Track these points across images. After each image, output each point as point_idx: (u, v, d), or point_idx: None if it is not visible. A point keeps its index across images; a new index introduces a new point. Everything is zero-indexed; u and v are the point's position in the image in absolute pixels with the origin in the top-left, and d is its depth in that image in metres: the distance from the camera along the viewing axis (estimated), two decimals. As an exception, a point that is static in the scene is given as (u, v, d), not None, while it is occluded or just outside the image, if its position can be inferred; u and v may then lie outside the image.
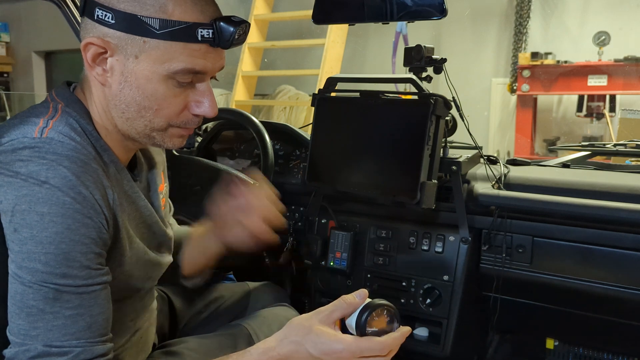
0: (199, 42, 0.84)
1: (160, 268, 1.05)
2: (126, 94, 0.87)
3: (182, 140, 0.95)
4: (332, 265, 1.56)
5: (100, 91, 0.90)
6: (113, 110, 0.90)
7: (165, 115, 0.89)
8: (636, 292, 1.28)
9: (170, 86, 0.87)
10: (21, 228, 0.78)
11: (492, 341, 1.68)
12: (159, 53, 0.84)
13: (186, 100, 0.90)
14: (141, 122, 0.89)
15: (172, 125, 0.91)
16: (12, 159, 0.80)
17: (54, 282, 0.78)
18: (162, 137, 0.92)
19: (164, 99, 0.87)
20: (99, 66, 0.87)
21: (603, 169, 1.70)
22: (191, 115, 0.91)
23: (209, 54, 0.87)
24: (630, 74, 3.78)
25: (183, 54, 0.84)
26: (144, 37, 0.83)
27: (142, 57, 0.84)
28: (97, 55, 0.86)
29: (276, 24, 5.04)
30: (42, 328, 0.78)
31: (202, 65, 0.87)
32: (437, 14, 1.25)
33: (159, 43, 0.84)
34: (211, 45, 0.86)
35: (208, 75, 0.90)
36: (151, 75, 0.85)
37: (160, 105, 0.88)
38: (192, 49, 0.85)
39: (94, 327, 0.81)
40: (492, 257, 1.42)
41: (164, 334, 1.27)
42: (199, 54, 0.85)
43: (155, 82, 0.86)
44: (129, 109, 0.88)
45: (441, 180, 1.45)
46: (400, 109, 1.43)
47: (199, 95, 0.90)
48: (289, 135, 1.78)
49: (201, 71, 0.87)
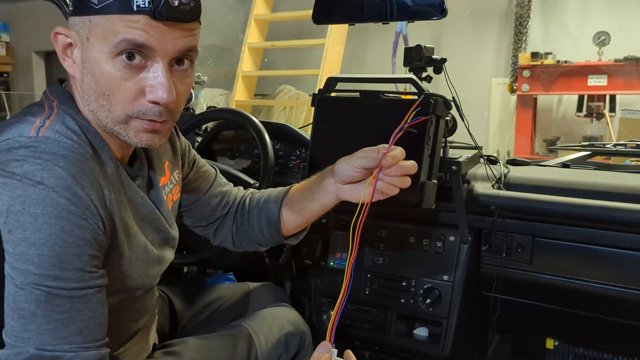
0: (134, 12, 0.81)
1: (161, 265, 1.04)
2: (86, 82, 0.86)
3: (150, 136, 0.88)
4: (332, 265, 1.56)
5: (76, 85, 0.90)
6: (83, 103, 0.89)
7: (118, 102, 0.84)
8: (636, 292, 1.28)
9: (119, 66, 0.83)
10: (15, 229, 0.77)
11: (492, 341, 1.69)
12: (101, 30, 0.82)
13: (139, 85, 0.84)
14: (102, 113, 0.86)
15: (131, 117, 0.86)
16: (8, 159, 0.79)
17: (46, 284, 0.76)
18: (126, 131, 0.87)
19: (113, 81, 0.83)
20: (69, 58, 0.87)
21: (603, 169, 1.70)
22: (147, 104, 0.85)
23: (154, 28, 0.82)
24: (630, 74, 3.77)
25: (121, 25, 0.81)
26: (89, 16, 0.82)
27: (91, 38, 0.83)
28: (65, 46, 0.86)
29: (276, 24, 5.04)
30: (34, 331, 0.77)
31: (145, 39, 0.81)
32: (437, 14, 1.25)
33: (99, 19, 0.82)
34: (152, 17, 0.81)
35: (160, 56, 0.84)
36: (98, 55, 0.83)
37: (112, 89, 0.84)
38: (130, 20, 0.81)
39: (86, 331, 0.79)
40: (492, 257, 1.42)
41: (164, 334, 1.27)
42: (138, 26, 0.81)
43: (103, 63, 0.83)
44: (90, 98, 0.86)
45: (441, 180, 1.44)
46: (400, 109, 1.43)
47: (152, 79, 0.84)
48: (289, 135, 1.78)
49: (145, 45, 0.82)
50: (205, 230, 1.26)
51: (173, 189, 1.10)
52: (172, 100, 0.86)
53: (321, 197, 1.13)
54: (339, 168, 1.08)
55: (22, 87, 6.82)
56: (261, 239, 1.23)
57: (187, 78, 0.90)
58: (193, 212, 1.23)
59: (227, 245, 1.28)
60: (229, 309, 1.38)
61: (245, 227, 1.24)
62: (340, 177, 1.08)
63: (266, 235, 1.22)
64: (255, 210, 1.23)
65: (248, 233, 1.24)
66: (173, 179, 1.11)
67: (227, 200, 1.25)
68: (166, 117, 0.88)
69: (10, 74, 6.97)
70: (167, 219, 1.05)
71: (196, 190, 1.21)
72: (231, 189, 1.28)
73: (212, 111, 1.87)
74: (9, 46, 6.94)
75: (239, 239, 1.26)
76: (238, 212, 1.25)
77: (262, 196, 1.25)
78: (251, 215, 1.23)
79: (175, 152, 1.13)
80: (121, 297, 0.95)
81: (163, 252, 1.03)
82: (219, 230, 1.26)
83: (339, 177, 1.08)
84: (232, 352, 1.15)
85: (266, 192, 1.26)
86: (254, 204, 1.24)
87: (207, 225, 1.25)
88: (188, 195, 1.20)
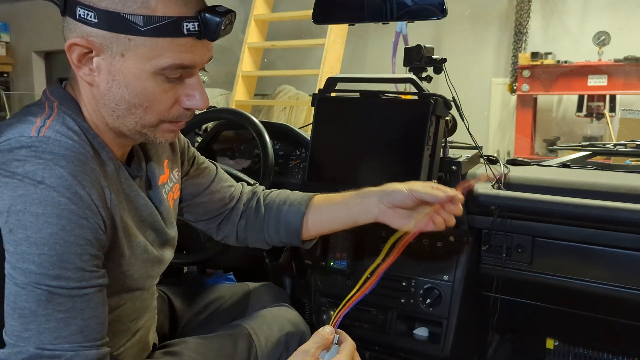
0: (185, 36, 0.83)
1: (161, 265, 1.04)
2: (115, 93, 0.86)
3: (173, 135, 0.94)
4: (332, 265, 1.56)
5: (88, 90, 0.89)
6: (103, 109, 0.89)
7: (156, 111, 0.88)
8: (636, 292, 1.28)
9: (159, 82, 0.85)
10: (16, 229, 0.77)
11: (492, 341, 1.69)
12: (146, 50, 0.83)
13: (176, 95, 0.88)
14: (132, 119, 0.88)
15: (164, 121, 0.90)
16: (9, 159, 0.80)
17: (47, 283, 0.77)
18: (153, 133, 0.91)
19: (154, 95, 0.86)
20: (85, 66, 0.86)
21: (603, 169, 1.70)
22: (182, 110, 0.90)
23: (196, 47, 0.85)
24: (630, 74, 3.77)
25: (170, 49, 0.83)
26: (128, 35, 0.82)
27: (128, 55, 0.83)
28: (82, 55, 0.85)
29: (276, 24, 5.04)
30: (34, 330, 0.77)
31: (190, 60, 0.85)
32: (437, 14, 1.25)
33: (145, 40, 0.82)
34: (198, 38, 0.84)
35: (197, 69, 0.89)
36: (139, 72, 0.84)
37: (151, 102, 0.87)
38: (179, 44, 0.83)
39: (87, 330, 0.80)
40: (492, 257, 1.42)
41: (164, 334, 1.27)
42: (185, 48, 0.84)
43: (143, 80, 0.84)
44: (118, 107, 0.87)
45: (441, 180, 1.45)
46: (400, 109, 1.44)
47: (189, 89, 0.89)
48: (289, 135, 1.78)
49: (190, 65, 0.86)
50: (208, 224, 1.27)
51: (173, 187, 1.11)
52: (207, 105, 0.91)
53: (357, 214, 1.18)
54: (392, 192, 1.13)
55: (22, 87, 6.82)
56: (274, 239, 1.25)
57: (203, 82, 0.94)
58: (195, 208, 1.23)
59: (230, 241, 1.29)
60: (229, 309, 1.38)
61: (260, 225, 1.24)
62: (392, 201, 1.13)
63: (282, 237, 1.24)
64: (272, 211, 1.24)
65: (261, 231, 1.25)
66: (173, 177, 1.11)
67: (233, 195, 1.25)
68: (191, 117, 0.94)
69: (10, 74, 6.97)
70: (166, 218, 1.05)
71: (197, 185, 1.21)
72: (236, 184, 1.29)
73: (212, 111, 1.87)
74: (9, 46, 6.94)
75: (246, 235, 1.26)
76: (249, 208, 1.26)
77: (279, 197, 1.26)
78: (268, 215, 1.24)
79: (174, 150, 1.13)
80: (121, 297, 0.95)
81: (163, 252, 1.03)
82: (223, 225, 1.26)
83: (391, 201, 1.13)
84: (232, 352, 1.15)
85: (283, 193, 1.27)
86: (270, 204, 1.25)
87: (210, 220, 1.26)
88: (189, 191, 1.21)
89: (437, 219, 1.11)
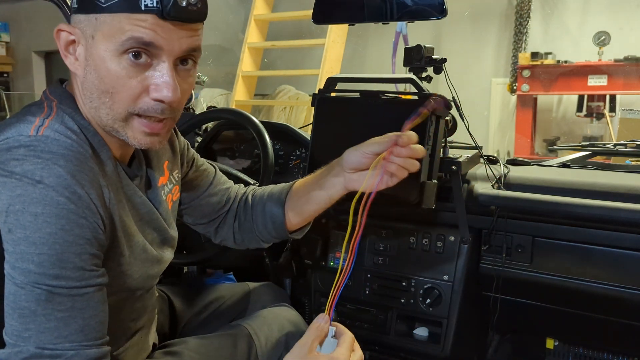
0: (142, 11, 0.81)
1: (161, 265, 1.04)
2: (89, 80, 0.86)
3: (149, 139, 0.89)
4: (332, 265, 1.56)
5: (77, 82, 0.90)
6: (85, 101, 0.88)
7: (122, 99, 0.85)
8: (636, 292, 1.28)
9: (125, 65, 0.83)
10: (15, 228, 0.77)
11: (492, 341, 1.69)
12: (108, 28, 0.82)
13: (144, 83, 0.85)
14: (103, 110, 0.87)
15: (132, 114, 0.86)
16: (7, 158, 0.79)
17: (47, 283, 0.76)
18: (124, 130, 0.88)
19: (118, 79, 0.84)
20: (71, 55, 0.87)
21: (603, 169, 1.70)
22: (151, 101, 0.85)
23: (161, 27, 0.82)
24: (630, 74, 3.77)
25: (129, 24, 0.82)
26: (95, 14, 0.83)
27: (97, 36, 0.84)
28: (68, 43, 0.86)
29: (276, 24, 5.04)
30: (34, 330, 0.77)
31: (151, 37, 0.82)
32: (437, 14, 1.25)
33: (106, 17, 0.82)
34: (159, 17, 0.82)
35: (166, 55, 0.84)
36: (104, 53, 0.83)
37: (116, 87, 0.84)
38: (138, 19, 0.81)
39: (87, 329, 0.79)
40: (492, 257, 1.42)
41: (164, 334, 1.27)
42: (146, 25, 0.82)
43: (108, 61, 0.83)
44: (92, 95, 0.87)
45: (441, 180, 1.44)
46: (400, 109, 1.43)
47: (157, 78, 0.85)
48: (289, 135, 1.78)
49: (152, 44, 0.82)
50: (207, 228, 1.27)
51: (173, 189, 1.10)
52: (177, 99, 0.86)
53: (328, 188, 1.14)
54: (348, 156, 1.09)
55: (22, 87, 6.82)
56: (265, 235, 1.24)
57: (190, 77, 0.91)
58: (193, 210, 1.23)
59: (229, 243, 1.28)
60: (229, 309, 1.38)
61: (249, 224, 1.24)
62: (349, 165, 1.09)
63: (270, 231, 1.23)
64: (258, 207, 1.24)
65: (252, 230, 1.24)
66: (172, 179, 1.11)
67: (228, 197, 1.25)
68: (168, 114, 0.88)
69: (10, 74, 6.97)
70: (165, 219, 1.05)
71: (196, 188, 1.21)
72: (232, 186, 1.28)
73: (212, 111, 1.87)
74: (9, 46, 6.94)
75: (242, 236, 1.26)
76: (240, 209, 1.26)
77: (264, 192, 1.26)
78: (254, 211, 1.24)
79: (175, 152, 1.13)
80: (121, 296, 0.95)
81: (162, 252, 1.03)
82: (220, 228, 1.26)
83: (348, 164, 1.09)
84: (232, 352, 1.15)
85: (268, 187, 1.27)
86: (256, 200, 1.25)
87: (208, 223, 1.25)
88: (188, 193, 1.20)
89: (391, 167, 1.03)
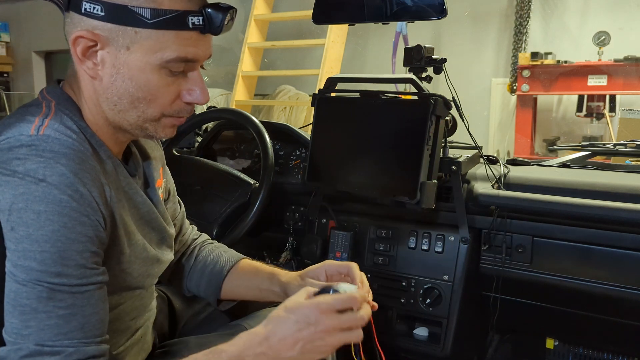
0: (189, 29, 0.85)
1: (160, 265, 1.04)
2: (118, 86, 0.87)
3: (173, 130, 0.95)
4: (332, 265, 1.56)
5: (90, 85, 0.90)
6: (104, 104, 0.89)
7: (158, 105, 0.89)
8: (636, 292, 1.28)
9: (163, 76, 0.87)
10: (18, 226, 0.77)
11: (492, 341, 1.69)
12: (151, 43, 0.84)
13: (178, 89, 0.90)
14: (134, 113, 0.89)
15: (165, 115, 0.91)
16: (9, 157, 0.80)
17: (48, 280, 0.77)
18: (154, 128, 0.92)
19: (157, 89, 0.88)
20: (89, 60, 0.87)
21: (603, 169, 1.71)
22: (184, 104, 0.92)
23: (200, 42, 0.87)
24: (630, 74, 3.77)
25: (175, 42, 0.85)
26: (135, 28, 0.83)
27: (134, 47, 0.84)
28: (87, 48, 0.86)
29: (276, 24, 5.04)
30: (35, 327, 0.77)
31: (194, 53, 0.87)
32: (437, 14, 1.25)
33: (151, 33, 0.84)
34: (201, 33, 0.86)
35: (199, 63, 0.91)
36: (144, 65, 0.85)
37: (154, 95, 0.88)
38: (184, 37, 0.85)
39: (87, 327, 0.80)
40: (492, 257, 1.42)
41: (164, 333, 1.27)
42: (190, 42, 0.86)
43: (148, 73, 0.86)
44: (121, 100, 0.88)
45: (441, 180, 1.45)
46: (400, 109, 1.44)
47: (191, 84, 0.90)
48: (289, 135, 1.78)
49: (193, 59, 0.88)
50: None
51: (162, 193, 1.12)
52: (208, 100, 0.93)
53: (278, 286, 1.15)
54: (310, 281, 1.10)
55: (22, 87, 6.82)
56: (194, 291, 1.25)
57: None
58: None
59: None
60: (228, 308, 1.38)
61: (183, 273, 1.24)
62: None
63: (201, 292, 1.24)
64: (199, 265, 1.23)
65: (182, 279, 1.24)
66: (164, 186, 1.12)
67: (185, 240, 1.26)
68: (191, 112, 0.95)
69: (10, 74, 6.97)
70: (164, 218, 1.06)
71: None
72: (189, 229, 1.28)
73: (212, 111, 1.87)
74: (9, 46, 6.94)
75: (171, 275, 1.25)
76: (183, 254, 1.25)
77: (211, 253, 1.25)
78: (194, 267, 1.24)
79: (165, 168, 1.15)
80: (121, 295, 0.95)
81: (161, 251, 1.04)
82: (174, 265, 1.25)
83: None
84: (231, 352, 1.14)
85: (216, 248, 1.26)
86: (201, 258, 1.24)
87: None
88: None
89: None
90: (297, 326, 0.85)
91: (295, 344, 0.84)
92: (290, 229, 1.70)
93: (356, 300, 0.88)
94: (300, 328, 0.84)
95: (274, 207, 1.70)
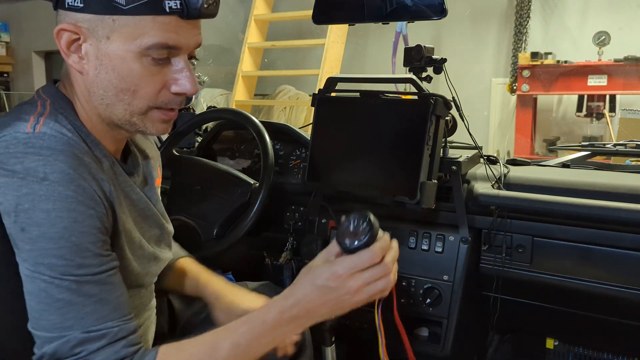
0: (167, 13, 0.83)
1: (159, 263, 1.05)
2: (103, 78, 0.86)
3: (165, 126, 0.93)
4: (332, 265, 1.56)
5: (80, 81, 0.90)
6: (93, 98, 0.89)
7: (143, 96, 0.87)
8: (636, 292, 1.28)
9: (146, 64, 0.85)
10: (29, 227, 0.78)
11: (492, 341, 1.69)
12: (129, 30, 0.83)
13: (164, 79, 0.88)
14: (120, 106, 0.88)
15: (152, 107, 0.89)
16: (6, 156, 0.80)
17: (73, 273, 0.80)
18: (143, 122, 0.90)
19: (141, 78, 0.86)
20: (74, 54, 0.87)
21: (603, 169, 1.70)
22: (171, 95, 0.89)
23: (181, 28, 0.85)
24: (630, 74, 3.77)
25: (153, 28, 0.83)
26: (112, 16, 0.83)
27: (113, 36, 0.84)
28: (70, 42, 0.86)
29: (276, 24, 5.04)
30: (74, 318, 0.80)
31: (175, 40, 0.85)
32: (437, 14, 1.25)
33: (128, 19, 0.83)
34: (181, 17, 0.84)
35: (184, 51, 0.88)
36: (124, 54, 0.84)
37: (138, 85, 0.86)
38: (162, 22, 0.83)
39: (120, 307, 0.84)
40: (492, 257, 1.42)
41: (163, 333, 1.27)
42: (169, 27, 0.84)
43: (129, 61, 0.85)
44: (107, 93, 0.87)
45: (441, 180, 1.44)
46: (400, 109, 1.43)
47: (177, 73, 0.88)
48: (289, 135, 1.78)
49: (175, 46, 0.85)
50: None
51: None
52: (197, 90, 0.90)
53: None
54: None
55: (22, 87, 6.82)
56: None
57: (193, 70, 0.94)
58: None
59: None
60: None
61: None
62: None
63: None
64: None
65: None
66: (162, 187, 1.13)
67: None
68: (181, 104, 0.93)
69: (10, 74, 6.97)
70: (162, 215, 1.06)
71: None
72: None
73: (212, 111, 1.87)
74: (9, 46, 6.94)
75: None
76: None
77: None
78: None
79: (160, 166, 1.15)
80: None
81: (159, 249, 1.04)
82: None
83: None
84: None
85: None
86: None
87: None
88: None
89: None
90: (321, 291, 0.88)
91: (323, 305, 0.89)
92: (290, 229, 1.69)
93: (374, 255, 0.89)
94: (324, 292, 0.88)
95: (274, 207, 1.70)
